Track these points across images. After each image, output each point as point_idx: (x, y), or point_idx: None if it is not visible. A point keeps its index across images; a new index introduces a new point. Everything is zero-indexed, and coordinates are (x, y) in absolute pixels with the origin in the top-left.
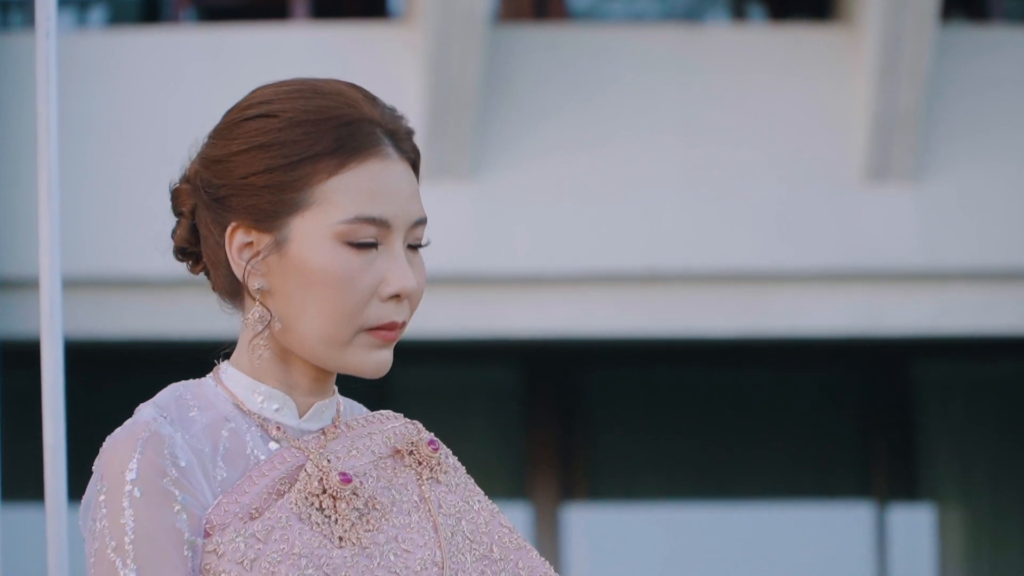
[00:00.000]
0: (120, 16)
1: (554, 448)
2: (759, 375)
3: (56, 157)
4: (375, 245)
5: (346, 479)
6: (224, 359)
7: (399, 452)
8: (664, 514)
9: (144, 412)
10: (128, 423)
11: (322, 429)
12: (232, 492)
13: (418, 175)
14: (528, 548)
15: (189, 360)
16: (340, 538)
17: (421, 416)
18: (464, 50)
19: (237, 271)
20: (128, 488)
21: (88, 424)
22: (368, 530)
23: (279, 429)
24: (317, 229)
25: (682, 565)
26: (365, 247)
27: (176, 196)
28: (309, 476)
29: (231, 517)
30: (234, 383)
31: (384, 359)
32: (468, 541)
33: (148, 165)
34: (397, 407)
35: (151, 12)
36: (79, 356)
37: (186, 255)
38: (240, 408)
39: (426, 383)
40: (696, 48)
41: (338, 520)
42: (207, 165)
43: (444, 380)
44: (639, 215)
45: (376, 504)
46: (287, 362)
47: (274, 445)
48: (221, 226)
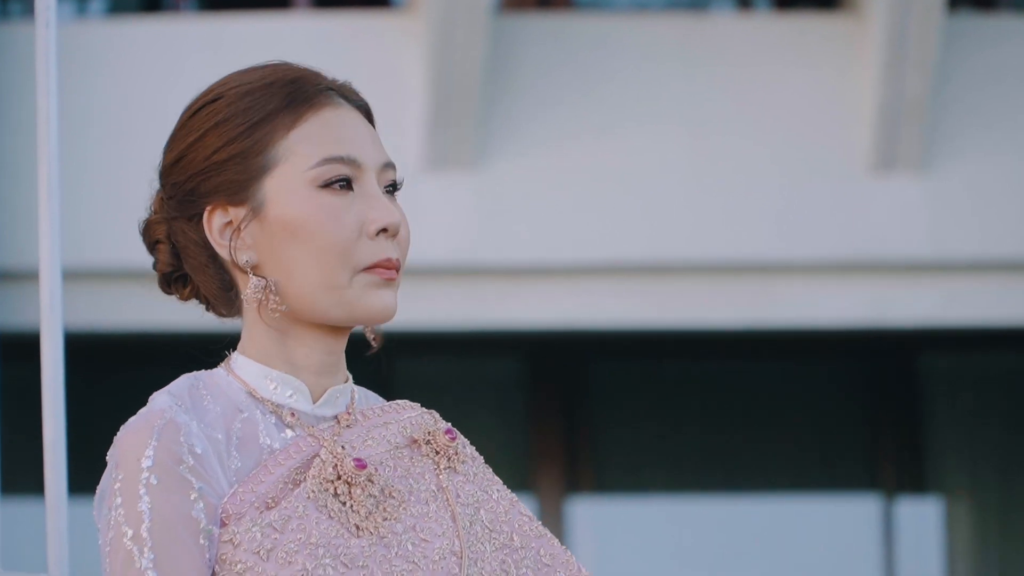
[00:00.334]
0: (120, 5)
1: (559, 440)
2: (765, 367)
3: (56, 148)
4: (350, 186)
5: (361, 465)
6: (233, 351)
7: (416, 442)
8: (670, 506)
9: (159, 400)
10: (143, 411)
11: (336, 417)
12: (248, 481)
13: (373, 124)
14: (548, 536)
15: (190, 353)
16: (357, 527)
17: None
18: (467, 40)
19: (223, 251)
20: (145, 476)
21: (88, 417)
22: (386, 519)
23: (293, 415)
24: (289, 183)
25: (688, 558)
26: (342, 189)
27: (147, 229)
28: (323, 462)
29: (247, 506)
30: (245, 371)
31: (388, 300)
32: (487, 530)
33: (149, 156)
34: (400, 399)
35: (152, 1)
36: (79, 348)
37: (172, 283)
38: (253, 396)
39: (429, 375)
40: (701, 38)
41: (354, 507)
42: (168, 172)
43: (448, 372)
44: (644, 205)
45: (393, 493)
46: (291, 339)
47: (289, 432)
48: (197, 219)
